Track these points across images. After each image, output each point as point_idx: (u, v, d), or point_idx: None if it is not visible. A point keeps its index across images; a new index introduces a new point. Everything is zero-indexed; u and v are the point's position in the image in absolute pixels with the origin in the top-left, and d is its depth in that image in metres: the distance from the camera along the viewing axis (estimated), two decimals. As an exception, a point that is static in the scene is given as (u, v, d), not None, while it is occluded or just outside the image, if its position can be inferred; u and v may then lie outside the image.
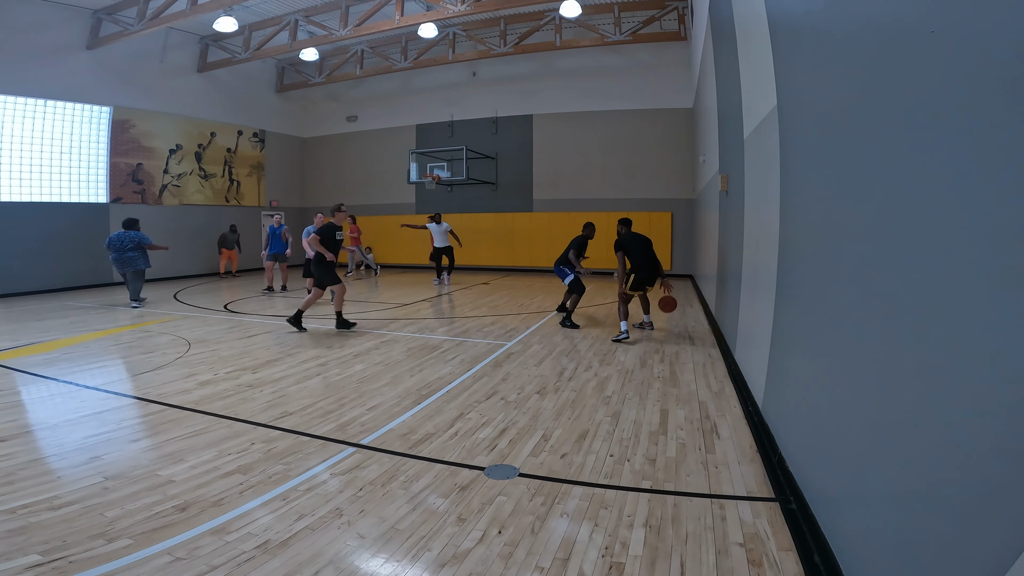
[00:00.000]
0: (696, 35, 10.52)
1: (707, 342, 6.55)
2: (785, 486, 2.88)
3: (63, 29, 11.89)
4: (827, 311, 2.39)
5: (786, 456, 3.03)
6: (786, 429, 3.12)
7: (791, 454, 2.96)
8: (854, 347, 2.06)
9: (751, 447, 3.51)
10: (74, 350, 6.29)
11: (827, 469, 2.38)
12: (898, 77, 1.66)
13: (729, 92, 5.72)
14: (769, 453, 3.29)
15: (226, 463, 3.25)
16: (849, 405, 2.11)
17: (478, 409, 4.22)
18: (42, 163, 11.84)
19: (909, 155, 1.60)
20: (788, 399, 3.12)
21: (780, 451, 3.14)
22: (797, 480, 2.78)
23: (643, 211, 14.34)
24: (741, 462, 3.29)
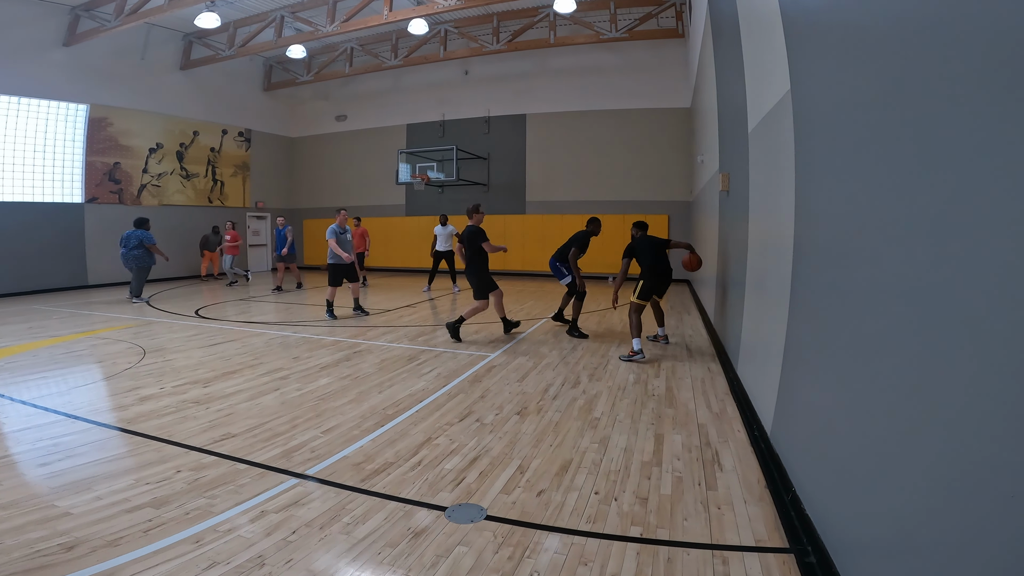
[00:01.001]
0: (694, 32, 10.14)
1: (706, 354, 6.07)
2: (801, 532, 2.42)
3: (39, 26, 11.46)
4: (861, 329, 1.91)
5: (801, 495, 2.56)
6: (801, 462, 2.65)
7: (808, 492, 2.49)
8: (899, 374, 1.60)
9: (759, 482, 3.02)
10: (19, 359, 5.76)
11: (854, 512, 1.95)
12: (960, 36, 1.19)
13: (731, 87, 5.32)
14: (780, 490, 2.81)
15: (139, 494, 2.75)
16: (888, 441, 1.66)
17: (448, 433, 3.72)
18: (15, 162, 11.33)
19: (985, 135, 1.13)
20: (804, 427, 2.65)
21: (794, 488, 2.67)
22: (816, 525, 2.32)
23: (639, 214, 13.89)
24: (748, 501, 2.80)
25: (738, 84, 4.69)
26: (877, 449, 1.75)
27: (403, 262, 16.49)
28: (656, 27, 12.92)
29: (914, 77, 1.51)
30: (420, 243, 16.19)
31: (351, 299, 8.92)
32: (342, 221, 8.39)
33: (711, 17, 6.91)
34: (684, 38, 12.77)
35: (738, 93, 4.70)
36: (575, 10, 11.75)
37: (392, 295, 11.15)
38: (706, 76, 8.15)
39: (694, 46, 10.36)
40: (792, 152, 2.82)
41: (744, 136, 4.45)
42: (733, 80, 5.08)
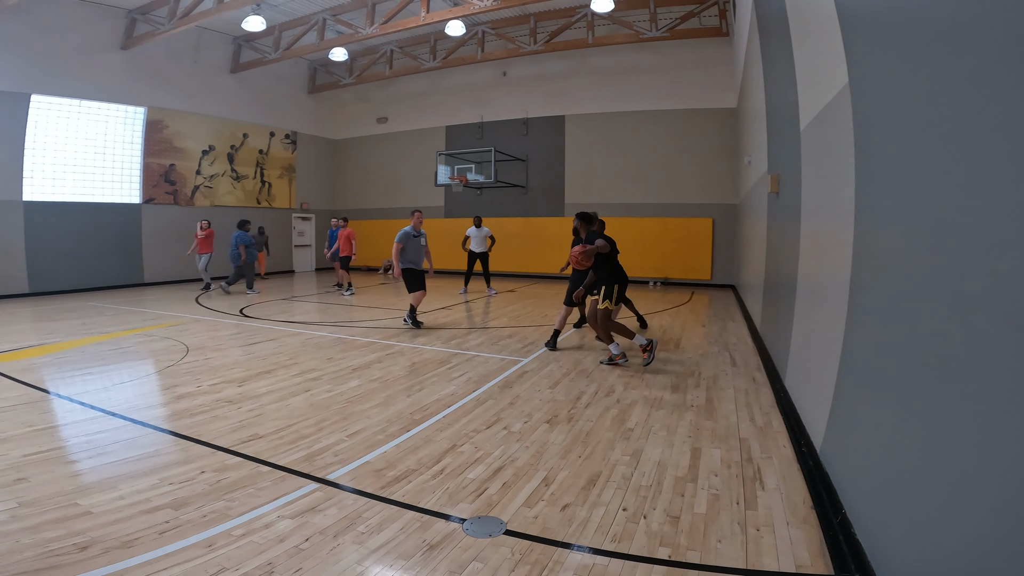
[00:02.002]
0: (739, 31, 9.76)
1: (751, 364, 5.74)
2: (849, 558, 2.21)
3: (97, 29, 11.98)
4: (936, 343, 1.68)
5: (852, 517, 2.34)
6: (854, 482, 2.42)
7: (860, 515, 2.28)
8: (981, 396, 1.38)
9: (804, 502, 2.78)
10: (68, 355, 6.01)
11: (912, 539, 1.78)
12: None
13: (781, 84, 5.06)
14: (828, 511, 2.58)
15: (160, 495, 2.75)
16: (963, 469, 1.48)
17: (474, 440, 3.60)
18: (76, 163, 11.95)
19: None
20: (860, 445, 2.42)
21: (844, 510, 2.44)
22: (866, 551, 2.12)
23: (682, 217, 13.51)
24: (791, 523, 2.58)
25: (788, 81, 4.45)
26: (948, 475, 1.56)
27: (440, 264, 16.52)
28: (698, 26, 12.51)
29: (998, 66, 1.29)
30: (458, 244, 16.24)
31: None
32: (417, 224, 7.66)
33: (757, 15, 6.63)
34: (728, 37, 12.32)
35: (788, 91, 4.46)
36: (613, 9, 11.51)
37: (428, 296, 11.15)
38: (753, 75, 7.82)
39: (739, 45, 9.98)
40: (851, 150, 2.57)
41: (796, 135, 4.18)
42: (782, 78, 4.83)
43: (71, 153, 11.83)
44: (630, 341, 5.81)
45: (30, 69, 10.94)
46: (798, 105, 4.07)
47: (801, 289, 3.95)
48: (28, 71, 10.92)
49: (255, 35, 13.94)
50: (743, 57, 9.40)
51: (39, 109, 11.21)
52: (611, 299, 5.57)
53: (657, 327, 7.92)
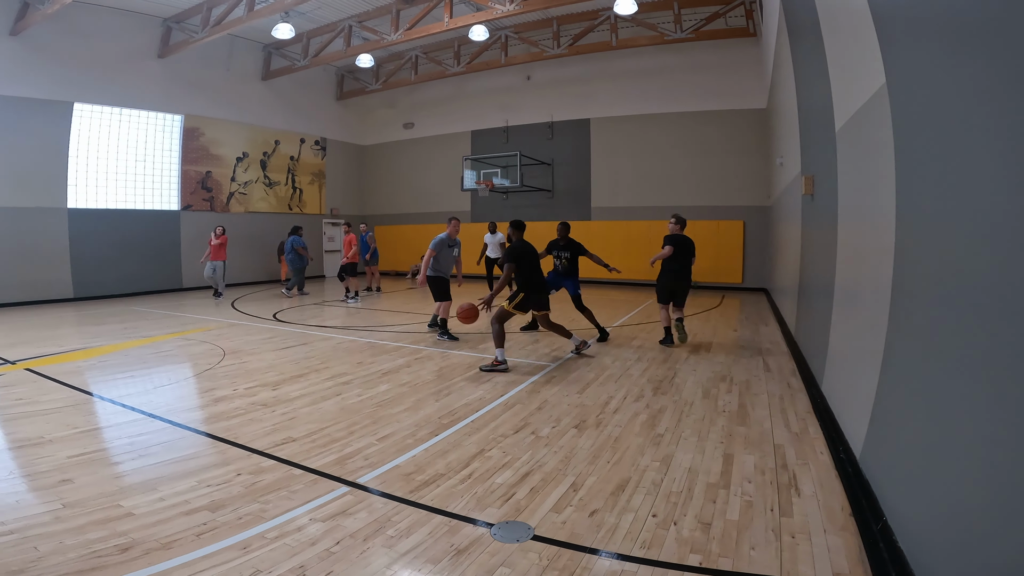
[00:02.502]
0: (768, 31, 9.59)
1: (785, 369, 5.60)
2: (890, 566, 2.14)
3: (136, 37, 12.42)
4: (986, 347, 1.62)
5: (894, 524, 2.28)
6: (896, 489, 2.35)
7: (902, 522, 2.21)
8: None
9: (843, 509, 2.71)
10: (111, 358, 6.25)
11: (955, 548, 1.73)
12: None
13: (813, 85, 4.96)
14: (868, 518, 2.51)
15: (198, 497, 2.83)
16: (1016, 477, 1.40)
17: (502, 445, 3.60)
18: (117, 171, 12.42)
19: None
20: (902, 452, 2.35)
21: (885, 517, 2.38)
22: (909, 559, 2.05)
23: (711, 220, 13.27)
24: (828, 530, 2.51)
25: (821, 82, 4.36)
26: (997, 485, 1.50)
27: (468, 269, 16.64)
28: (724, 27, 12.35)
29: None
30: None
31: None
32: (453, 231, 7.26)
33: (785, 15, 6.51)
34: (756, 37, 12.12)
35: (821, 91, 4.37)
36: (636, 12, 11.43)
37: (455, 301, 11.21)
38: (783, 75, 7.67)
39: (768, 45, 9.80)
40: (891, 150, 2.49)
41: (830, 136, 4.09)
42: (815, 78, 4.74)
43: (112, 161, 12.29)
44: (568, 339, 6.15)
45: (72, 78, 11.39)
46: (832, 106, 3.98)
47: (839, 293, 3.84)
48: (70, 80, 11.37)
49: (284, 43, 14.32)
50: (772, 58, 9.25)
51: (82, 117, 11.68)
52: (514, 303, 5.72)
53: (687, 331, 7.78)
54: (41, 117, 11.00)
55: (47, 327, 8.27)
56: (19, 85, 10.65)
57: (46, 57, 10.99)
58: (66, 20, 11.07)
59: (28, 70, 10.74)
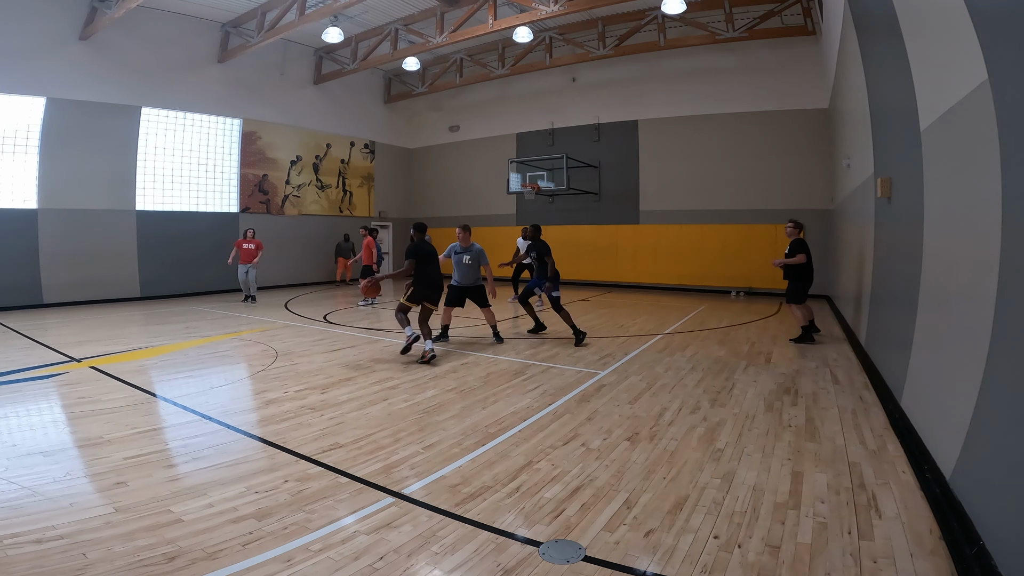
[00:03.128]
0: (830, 29, 9.10)
1: (856, 381, 5.21)
2: None
3: (197, 42, 12.95)
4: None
5: (991, 549, 2.09)
6: (994, 511, 2.15)
7: (1002, 547, 2.01)
8: None
9: (931, 532, 2.48)
10: (172, 357, 6.47)
11: None
12: None
13: (890, 83, 4.62)
14: (961, 543, 2.29)
15: (246, 503, 2.81)
16: None
17: (551, 457, 3.45)
18: (181, 174, 13.00)
19: None
20: (1002, 474, 2.13)
21: (981, 541, 2.18)
22: None
23: (767, 223, 12.69)
24: (915, 555, 2.29)
25: (900, 80, 4.05)
26: None
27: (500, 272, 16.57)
28: (780, 25, 11.81)
29: None
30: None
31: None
32: (461, 239, 7.15)
33: (852, 12, 6.15)
34: (816, 36, 11.53)
35: (901, 89, 4.05)
36: (685, 11, 11.09)
37: (502, 306, 11.15)
38: (850, 74, 7.25)
39: (830, 43, 9.29)
40: (996, 151, 2.22)
41: (913, 135, 3.76)
42: (892, 75, 4.43)
43: (176, 164, 12.88)
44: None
45: (139, 82, 11.98)
46: (916, 104, 3.65)
47: (924, 303, 3.50)
48: (138, 84, 11.97)
49: (334, 47, 14.68)
50: (835, 56, 8.76)
51: (148, 122, 12.28)
52: (405, 295, 6.47)
53: (743, 339, 7.42)
54: (111, 121, 11.63)
55: (114, 326, 8.70)
56: (90, 90, 11.28)
57: (114, 62, 11.57)
58: (132, 25, 11.61)
59: (98, 75, 11.35)
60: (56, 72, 10.73)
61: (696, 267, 13.62)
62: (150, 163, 12.41)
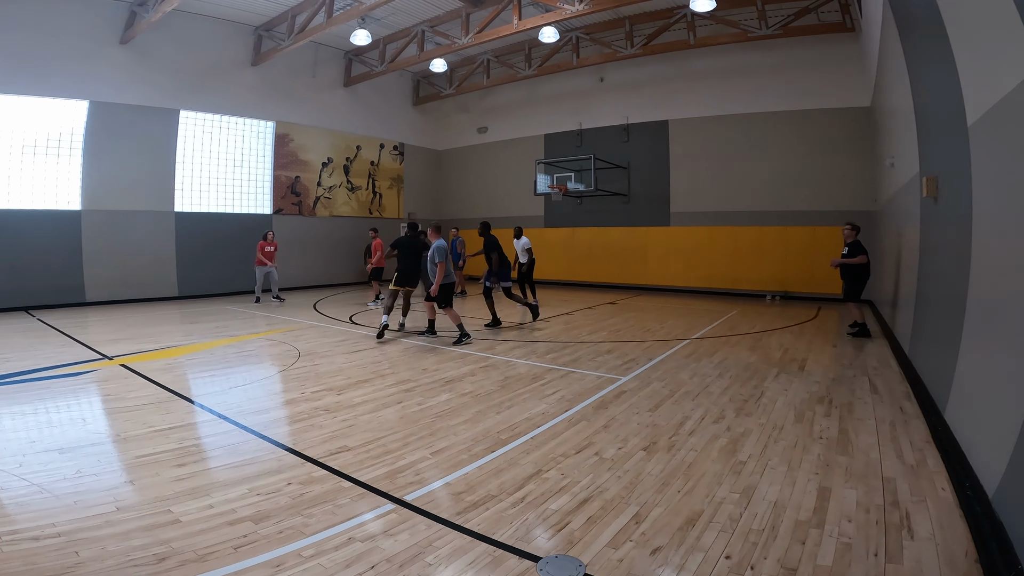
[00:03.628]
0: (869, 25, 8.70)
1: (897, 391, 4.89)
2: None
3: (231, 46, 13.26)
4: None
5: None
6: None
7: None
8: None
9: (967, 554, 2.28)
10: (199, 356, 6.60)
11: None
12: None
13: (933, 78, 4.35)
14: (998, 566, 2.12)
15: (246, 505, 2.78)
16: None
17: (561, 466, 3.32)
18: (217, 176, 13.35)
19: None
20: None
21: (1021, 565, 2.06)
22: None
23: (805, 225, 12.20)
24: (948, 578, 2.07)
25: (945, 75, 3.80)
26: None
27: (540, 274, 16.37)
28: (816, 22, 11.34)
29: None
30: (559, 254, 16.03)
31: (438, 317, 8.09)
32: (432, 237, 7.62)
33: (892, 8, 5.85)
34: (855, 32, 11.04)
35: (946, 85, 3.80)
36: (715, 8, 10.76)
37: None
38: (892, 71, 6.90)
39: (871, 40, 8.88)
40: None
41: (959, 132, 3.51)
42: (936, 71, 4.17)
43: (213, 166, 13.23)
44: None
45: (178, 86, 12.34)
46: (962, 99, 3.39)
47: (973, 309, 3.24)
48: (176, 88, 12.33)
49: (363, 49, 14.85)
50: (876, 53, 8.36)
51: (186, 124, 12.66)
52: (392, 281, 7.81)
53: (776, 345, 7.10)
54: (151, 124, 12.01)
55: (148, 324, 8.96)
56: (131, 93, 11.67)
57: (154, 66, 11.94)
58: (169, 29, 11.96)
59: (138, 79, 11.73)
60: (98, 76, 11.15)
61: (728, 270, 13.21)
62: (188, 165, 12.78)
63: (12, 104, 10.20)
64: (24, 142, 10.40)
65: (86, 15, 10.92)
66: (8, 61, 10.00)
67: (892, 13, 6.05)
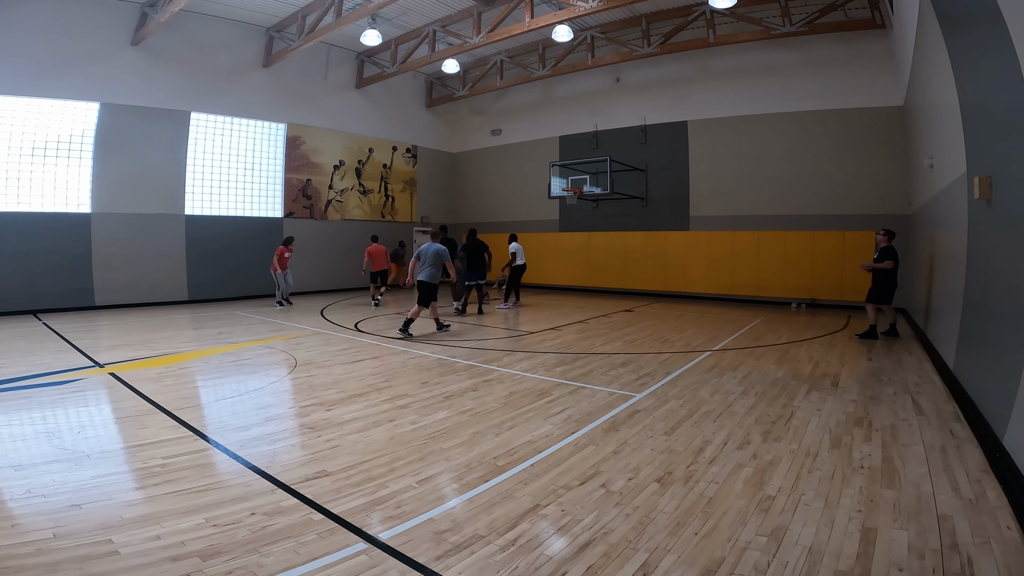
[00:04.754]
0: (902, 22, 8.20)
1: (944, 412, 4.38)
2: None
3: (243, 47, 13.15)
4: None
5: None
6: None
7: None
8: None
9: None
10: (193, 364, 6.33)
11: None
12: None
13: (988, 73, 3.88)
14: None
15: (198, 538, 2.46)
16: None
17: (562, 500, 2.91)
18: (228, 179, 13.23)
19: None
20: None
21: None
22: None
23: (834, 230, 11.61)
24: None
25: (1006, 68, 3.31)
26: None
27: (555, 279, 16.03)
28: (843, 18, 10.81)
29: None
30: (574, 259, 15.62)
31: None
32: None
33: (934, 5, 5.39)
34: (885, 29, 10.48)
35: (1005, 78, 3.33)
36: (736, 5, 10.34)
37: (540, 315, 10.63)
38: (932, 67, 6.42)
39: (904, 37, 8.36)
40: None
41: (1022, 124, 3.03)
42: (991, 65, 3.71)
43: (224, 169, 13.10)
44: None
45: (189, 87, 12.26)
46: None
47: None
48: (187, 90, 12.24)
49: (374, 50, 14.69)
50: (911, 49, 7.83)
51: (197, 127, 12.55)
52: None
53: (806, 358, 6.58)
54: (162, 126, 11.95)
55: (151, 330, 8.76)
56: (142, 95, 11.61)
57: (165, 68, 11.87)
58: (181, 31, 11.91)
59: (149, 81, 11.67)
60: (109, 77, 11.11)
61: (752, 276, 12.65)
62: (199, 168, 12.68)
63: (22, 106, 10.18)
64: (35, 144, 10.38)
65: (97, 17, 10.89)
66: (18, 63, 9.98)
67: (932, 7, 5.58)
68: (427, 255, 8.40)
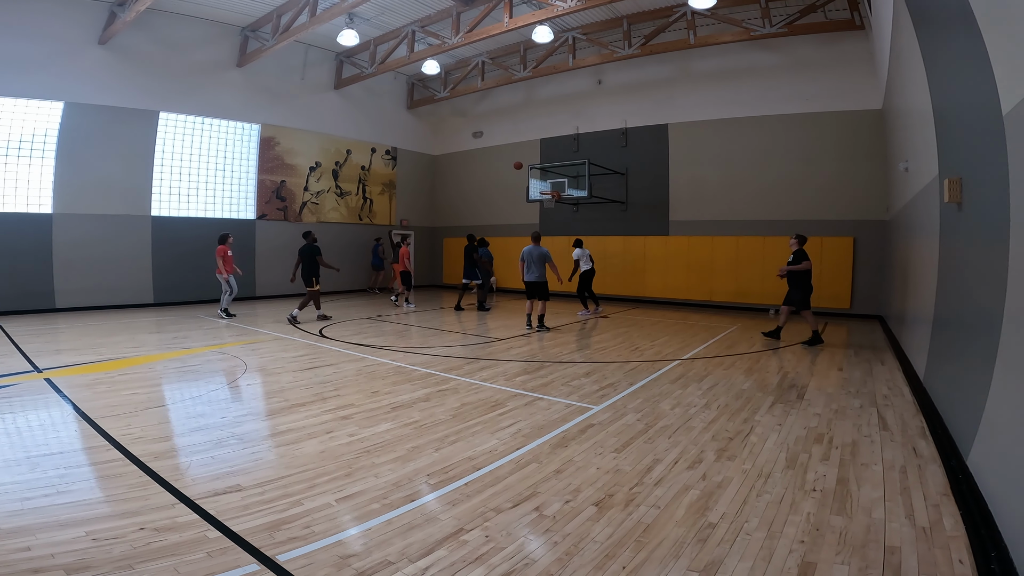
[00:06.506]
0: (880, 24, 8.11)
1: (910, 428, 4.20)
2: None
3: (216, 47, 12.81)
4: None
5: None
6: None
7: None
8: None
9: None
10: (135, 371, 6.02)
11: None
12: None
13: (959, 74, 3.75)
14: None
15: (68, 552, 2.28)
16: None
17: (489, 525, 2.68)
18: (198, 180, 12.86)
19: None
20: None
21: None
22: None
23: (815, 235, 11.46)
24: None
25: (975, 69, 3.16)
26: None
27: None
28: (823, 20, 10.74)
29: None
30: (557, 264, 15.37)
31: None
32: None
33: (908, 7, 5.29)
34: (864, 31, 10.42)
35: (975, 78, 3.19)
36: (716, 6, 10.27)
37: (512, 321, 10.40)
38: (906, 70, 6.33)
39: (881, 39, 8.27)
40: None
41: (992, 124, 2.86)
42: (963, 65, 3.57)
43: (193, 170, 12.74)
44: None
45: (158, 87, 11.89)
46: (996, 90, 2.74)
47: (1009, 332, 2.59)
48: (156, 89, 11.88)
49: (353, 50, 14.45)
50: (887, 51, 7.75)
51: (166, 127, 12.19)
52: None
53: (775, 368, 6.41)
54: (129, 126, 11.57)
55: (105, 333, 8.41)
56: (109, 95, 11.24)
57: (133, 67, 11.51)
58: (151, 29, 11.57)
59: (116, 80, 11.31)
60: (75, 76, 10.75)
61: (732, 283, 12.52)
62: (167, 169, 12.33)
63: (-19, 104, 9.82)
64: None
65: (64, 14, 10.56)
66: (-22, 60, 9.63)
67: (907, 8, 5.46)
68: (531, 258, 8.92)
